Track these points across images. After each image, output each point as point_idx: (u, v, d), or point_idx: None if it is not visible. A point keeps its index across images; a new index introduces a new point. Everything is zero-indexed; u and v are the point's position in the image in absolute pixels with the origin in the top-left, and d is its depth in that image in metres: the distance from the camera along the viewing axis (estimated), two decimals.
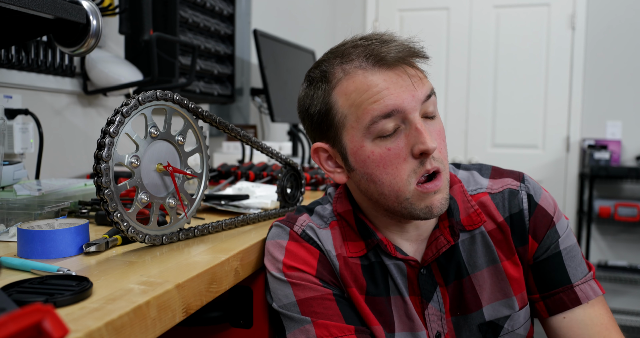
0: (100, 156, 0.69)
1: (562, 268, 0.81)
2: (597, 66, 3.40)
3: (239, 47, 2.36)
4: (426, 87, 0.75)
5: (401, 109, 0.73)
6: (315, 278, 0.79)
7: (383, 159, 0.75)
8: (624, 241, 3.42)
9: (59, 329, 0.34)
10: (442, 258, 0.81)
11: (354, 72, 0.75)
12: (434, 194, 0.75)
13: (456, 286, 0.81)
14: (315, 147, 0.82)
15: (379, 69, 0.74)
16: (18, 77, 1.26)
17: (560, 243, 0.82)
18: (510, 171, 0.87)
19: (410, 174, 0.74)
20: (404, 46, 0.75)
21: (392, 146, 0.74)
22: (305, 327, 0.76)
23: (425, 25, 3.69)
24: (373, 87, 0.73)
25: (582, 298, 0.80)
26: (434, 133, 0.76)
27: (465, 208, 0.83)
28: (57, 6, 0.82)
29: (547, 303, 0.81)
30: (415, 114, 0.73)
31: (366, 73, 0.74)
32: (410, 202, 0.75)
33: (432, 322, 0.80)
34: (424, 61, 0.77)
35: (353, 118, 0.75)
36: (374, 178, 0.76)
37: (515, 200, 0.83)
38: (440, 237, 0.80)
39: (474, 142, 3.64)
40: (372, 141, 0.75)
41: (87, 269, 0.67)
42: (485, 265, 0.81)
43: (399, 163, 0.74)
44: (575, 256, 0.82)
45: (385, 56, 0.73)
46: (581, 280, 0.81)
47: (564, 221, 0.84)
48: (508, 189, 0.84)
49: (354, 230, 0.83)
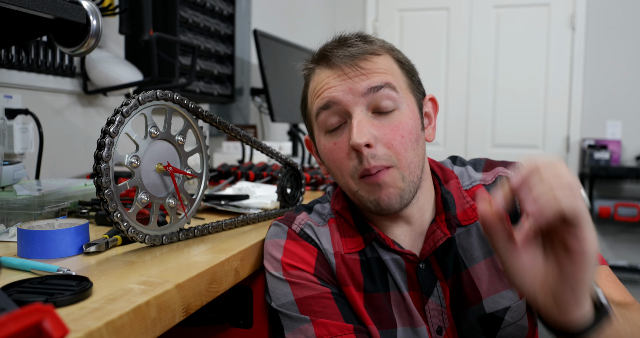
0: (100, 156, 0.69)
1: None
2: (597, 66, 3.40)
3: (239, 47, 2.36)
4: (371, 80, 0.77)
5: (337, 101, 0.77)
6: (314, 277, 0.79)
7: (331, 153, 0.80)
8: (624, 241, 3.42)
9: (59, 329, 0.34)
10: (440, 252, 0.81)
11: (313, 71, 0.83)
12: (379, 187, 0.76)
13: (455, 281, 0.81)
14: (305, 139, 0.92)
15: (327, 66, 0.80)
16: (18, 77, 1.26)
17: None
18: (503, 161, 0.89)
19: (353, 170, 0.77)
20: (355, 43, 0.79)
21: (337, 141, 0.79)
22: (304, 326, 0.76)
23: (425, 25, 3.69)
24: (319, 83, 0.80)
25: None
26: (384, 128, 0.76)
27: (461, 204, 0.83)
28: (57, 6, 0.82)
29: None
30: (355, 108, 0.76)
31: (320, 71, 0.81)
32: (360, 195, 0.78)
33: (432, 317, 0.80)
34: (373, 57, 0.79)
35: (311, 113, 0.83)
36: (331, 171, 0.82)
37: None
38: (437, 230, 0.81)
39: (474, 142, 3.64)
40: (324, 135, 0.81)
41: (87, 269, 0.67)
42: (482, 257, 0.81)
43: (343, 158, 0.78)
44: None
45: (329, 54, 0.79)
46: None
47: None
48: (499, 176, 0.85)
49: (352, 226, 0.84)
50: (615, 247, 3.43)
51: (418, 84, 0.84)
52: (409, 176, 0.77)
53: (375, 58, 0.79)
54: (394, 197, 0.76)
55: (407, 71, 0.83)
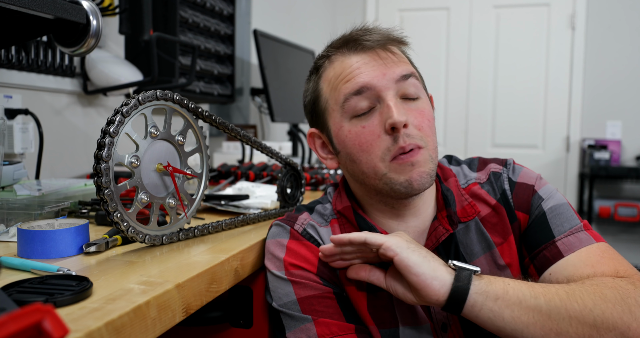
0: (100, 156, 0.69)
1: (545, 226, 0.80)
2: (597, 66, 3.40)
3: (239, 47, 2.36)
4: (401, 68, 0.79)
5: (371, 86, 0.77)
6: (316, 276, 0.79)
7: (358, 137, 0.78)
8: (624, 241, 3.42)
9: (59, 329, 0.34)
10: (441, 249, 0.82)
11: (334, 59, 0.82)
12: (412, 167, 0.77)
13: None
14: (310, 132, 0.89)
15: (355, 52, 0.80)
16: (18, 77, 1.26)
17: (544, 204, 0.82)
18: (495, 158, 0.90)
19: (384, 151, 0.77)
20: (381, 32, 0.81)
21: (367, 124, 0.78)
22: (306, 325, 0.76)
23: (425, 25, 3.69)
24: (347, 69, 0.80)
25: (564, 250, 0.76)
26: (414, 112, 0.78)
27: (459, 201, 0.84)
28: (57, 6, 0.82)
29: (535, 264, 0.80)
30: (387, 92, 0.77)
31: (344, 57, 0.81)
32: (389, 177, 0.78)
33: (437, 314, 0.80)
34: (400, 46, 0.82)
35: (333, 101, 0.82)
36: (354, 157, 0.80)
37: (499, 182, 0.85)
38: (439, 227, 0.82)
39: (474, 142, 3.64)
40: (349, 121, 0.80)
41: (87, 269, 0.67)
42: (482, 252, 0.82)
43: (373, 140, 0.77)
44: (563, 213, 0.80)
45: (359, 39, 0.80)
46: (565, 233, 0.78)
47: (549, 187, 0.84)
48: (492, 173, 0.87)
49: (354, 226, 0.84)
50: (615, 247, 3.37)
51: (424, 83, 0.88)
52: (434, 159, 0.80)
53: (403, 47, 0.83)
54: (425, 176, 0.78)
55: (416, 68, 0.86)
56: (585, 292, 0.66)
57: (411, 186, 0.77)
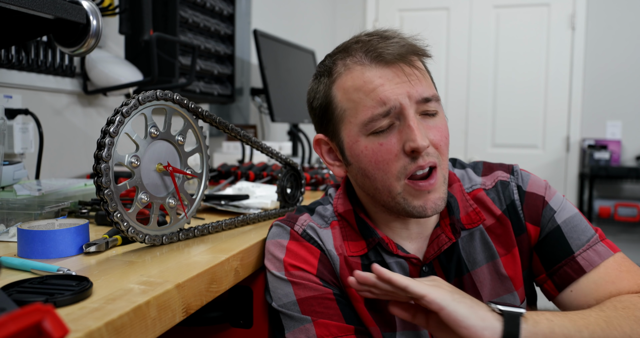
0: (100, 156, 0.69)
1: (563, 240, 0.80)
2: (597, 66, 3.40)
3: (239, 47, 2.36)
4: (425, 89, 0.76)
5: (396, 106, 0.74)
6: (316, 278, 0.79)
7: (375, 154, 0.76)
8: (624, 241, 3.42)
9: (59, 329, 0.34)
10: (442, 256, 0.81)
11: (352, 67, 0.77)
12: (427, 193, 0.76)
13: (457, 284, 0.81)
14: (317, 138, 0.86)
15: (377, 65, 0.75)
16: (18, 77, 1.26)
17: (557, 217, 0.82)
18: (500, 164, 0.89)
19: (400, 170, 0.75)
20: (404, 43, 0.76)
21: (385, 142, 0.75)
22: (305, 326, 0.76)
23: (425, 25, 3.69)
24: (368, 84, 0.75)
25: (585, 266, 0.78)
26: (433, 130, 0.76)
27: (464, 207, 0.83)
28: (57, 6, 0.82)
29: (554, 280, 0.80)
30: (409, 111, 0.74)
31: (364, 69, 0.76)
32: (403, 197, 0.76)
33: None
34: (424, 59, 0.78)
35: (351, 113, 0.77)
36: (367, 173, 0.78)
37: (507, 191, 0.84)
38: (442, 235, 0.81)
39: (474, 142, 3.64)
40: (367, 136, 0.77)
41: (87, 269, 0.67)
42: (485, 261, 0.82)
43: (390, 159, 0.75)
44: (577, 225, 0.81)
45: (382, 52, 0.75)
46: (583, 247, 0.79)
47: (558, 197, 0.84)
48: (499, 182, 0.85)
49: (355, 230, 0.83)
50: None
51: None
52: (447, 177, 0.79)
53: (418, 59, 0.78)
54: (440, 202, 0.77)
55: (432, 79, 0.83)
56: (621, 317, 0.67)
57: (425, 211, 0.76)
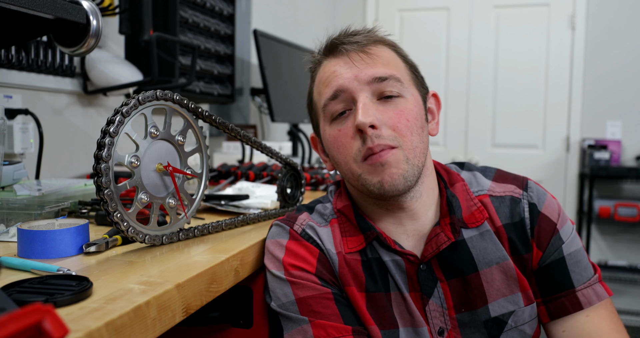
0: (100, 156, 0.69)
1: (565, 273, 0.81)
2: (597, 66, 3.40)
3: (239, 47, 2.36)
4: (376, 70, 0.78)
5: (344, 88, 0.78)
6: (315, 277, 0.79)
7: (336, 140, 0.80)
8: (624, 241, 3.42)
9: (59, 329, 0.34)
10: (446, 254, 0.81)
11: (321, 63, 0.84)
12: (382, 168, 0.76)
13: (461, 283, 0.81)
14: (311, 137, 0.93)
15: (334, 56, 0.82)
16: (18, 77, 1.26)
17: (564, 248, 0.81)
18: (514, 176, 0.87)
19: (356, 152, 0.78)
20: (363, 34, 0.81)
21: (342, 127, 0.79)
22: (303, 327, 0.76)
23: (425, 25, 3.69)
24: (326, 73, 0.82)
25: (584, 303, 0.79)
26: (390, 112, 0.77)
27: (467, 206, 0.83)
28: (57, 6, 0.82)
29: (549, 308, 0.81)
30: (360, 94, 0.78)
31: (326, 62, 0.83)
32: (364, 178, 0.78)
33: (434, 318, 0.80)
34: (379, 45, 0.82)
35: (319, 105, 0.83)
36: (336, 160, 0.82)
37: (517, 208, 0.82)
38: (441, 234, 0.80)
39: (474, 142, 3.64)
40: (330, 124, 0.81)
41: (87, 269, 0.67)
42: (496, 261, 0.81)
43: (347, 142, 0.78)
44: (581, 261, 0.82)
45: (338, 44, 0.81)
46: (584, 284, 0.80)
47: (569, 226, 0.83)
48: (510, 197, 0.83)
49: (353, 224, 0.84)
50: (615, 247, 3.43)
51: (422, 80, 0.86)
52: (413, 159, 0.77)
53: (381, 47, 0.82)
54: (397, 178, 0.76)
55: (410, 66, 0.85)
56: None
57: (383, 187, 0.77)
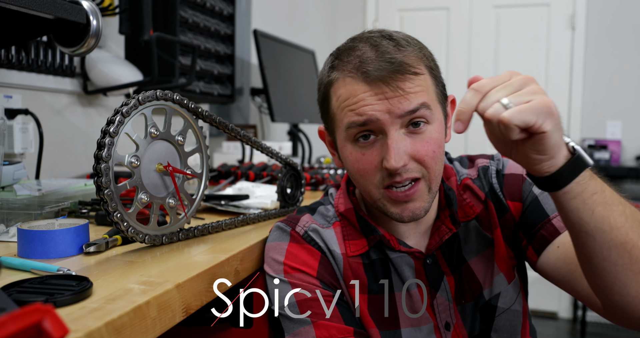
0: (100, 156, 0.69)
1: (539, 207, 0.82)
2: (597, 66, 3.40)
3: (239, 47, 2.36)
4: (409, 103, 0.73)
5: (374, 120, 0.74)
6: (316, 280, 0.79)
7: (357, 162, 0.78)
8: None
9: (59, 329, 0.34)
10: (444, 247, 0.83)
11: (345, 77, 0.77)
12: (406, 203, 0.76)
13: (458, 275, 0.84)
14: (320, 129, 0.89)
15: (364, 80, 0.74)
16: (18, 77, 1.26)
17: (534, 188, 0.84)
18: (482, 154, 0.92)
19: (379, 180, 0.77)
20: (392, 60, 0.74)
21: (367, 153, 0.77)
22: (305, 328, 0.76)
23: (425, 25, 3.69)
24: (353, 97, 0.75)
25: (560, 228, 0.79)
26: (418, 144, 0.75)
27: (459, 201, 0.86)
28: (57, 6, 0.82)
29: (534, 245, 0.82)
30: (390, 128, 0.74)
31: (353, 81, 0.76)
32: (383, 203, 0.78)
33: (441, 312, 0.82)
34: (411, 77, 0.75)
35: (339, 119, 0.79)
36: (353, 176, 0.81)
37: (487, 175, 0.87)
38: (442, 226, 0.83)
39: (474, 142, 3.64)
40: (352, 143, 0.78)
41: (87, 269, 0.67)
42: (480, 250, 0.84)
43: (370, 170, 0.77)
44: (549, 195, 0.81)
45: (369, 70, 0.74)
46: (556, 213, 0.79)
47: None
48: (480, 168, 0.88)
49: (356, 228, 0.84)
50: None
51: (443, 88, 0.83)
52: (434, 187, 0.79)
53: (415, 78, 0.75)
54: (419, 210, 0.77)
55: (436, 78, 0.81)
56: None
57: (402, 218, 0.78)
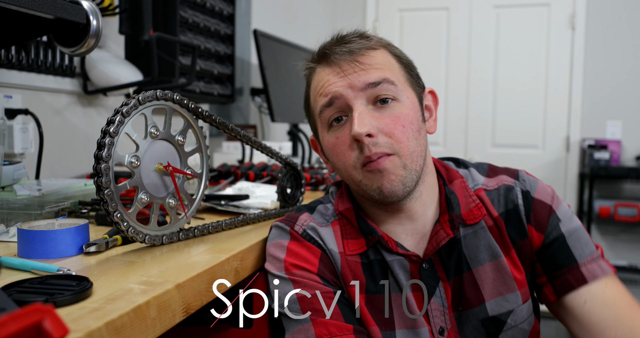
0: (100, 156, 0.69)
1: (566, 249, 0.81)
2: (597, 66, 3.40)
3: (239, 47, 2.36)
4: (370, 76, 0.78)
5: (338, 96, 0.79)
6: (317, 276, 0.79)
7: (334, 147, 0.81)
8: (624, 241, 3.42)
9: (59, 329, 0.34)
10: (443, 252, 0.81)
11: (316, 70, 0.84)
12: (381, 174, 0.77)
13: (457, 281, 0.81)
14: (311, 139, 0.93)
15: (327, 64, 0.82)
16: (18, 77, 1.26)
17: (562, 226, 0.82)
18: (506, 168, 0.89)
19: (355, 160, 0.78)
20: (352, 42, 0.81)
21: (340, 135, 0.80)
22: (304, 326, 0.76)
23: (425, 25, 3.69)
24: (320, 81, 0.82)
25: (588, 277, 0.79)
26: (385, 118, 0.78)
27: (466, 203, 0.83)
28: (57, 6, 0.82)
29: (554, 285, 0.81)
30: (355, 102, 0.78)
31: (320, 70, 0.83)
32: (364, 184, 0.79)
33: (435, 318, 0.80)
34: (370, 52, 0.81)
35: (314, 109, 0.84)
36: (336, 166, 0.83)
37: (510, 195, 0.84)
38: (440, 230, 0.81)
39: (474, 142, 3.64)
40: (328, 131, 0.82)
41: (87, 269, 0.67)
42: (488, 259, 0.81)
43: (345, 150, 0.79)
44: (581, 237, 0.82)
45: (328, 51, 0.81)
46: (587, 259, 0.80)
47: (564, 207, 0.84)
48: (504, 186, 0.85)
49: (355, 227, 0.84)
50: (615, 247, 3.43)
51: (417, 78, 0.86)
52: (410, 165, 0.78)
53: (373, 53, 0.81)
54: (396, 184, 0.77)
55: (405, 65, 0.84)
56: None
57: (382, 193, 0.77)
